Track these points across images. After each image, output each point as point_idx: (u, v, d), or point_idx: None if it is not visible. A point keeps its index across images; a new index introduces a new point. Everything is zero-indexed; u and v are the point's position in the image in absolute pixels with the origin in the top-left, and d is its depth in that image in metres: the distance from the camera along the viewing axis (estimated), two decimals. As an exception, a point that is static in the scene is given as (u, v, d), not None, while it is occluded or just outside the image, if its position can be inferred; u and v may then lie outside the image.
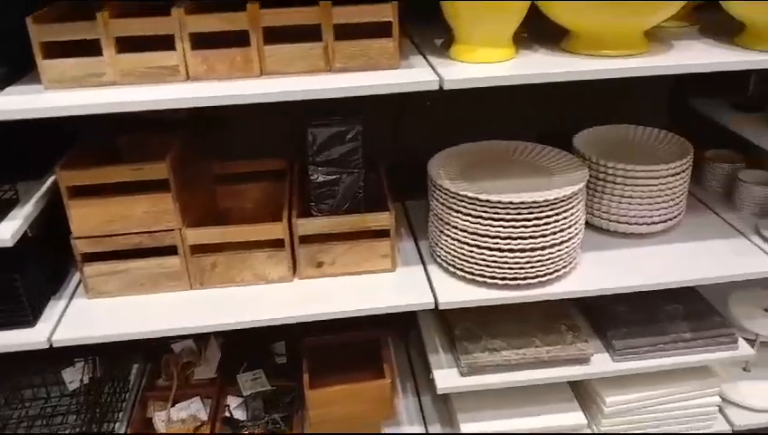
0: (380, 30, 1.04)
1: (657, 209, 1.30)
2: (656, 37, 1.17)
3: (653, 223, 1.31)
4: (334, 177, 1.27)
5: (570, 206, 1.16)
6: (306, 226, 1.21)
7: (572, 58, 1.09)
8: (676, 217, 1.33)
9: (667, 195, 1.29)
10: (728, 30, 1.17)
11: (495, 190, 1.17)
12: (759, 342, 1.42)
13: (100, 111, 0.97)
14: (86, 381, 1.47)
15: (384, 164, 1.40)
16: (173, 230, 1.18)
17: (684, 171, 1.29)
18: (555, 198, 1.13)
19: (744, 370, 1.52)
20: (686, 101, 1.51)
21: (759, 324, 1.41)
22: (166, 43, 1.01)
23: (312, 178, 1.27)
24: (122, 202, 1.14)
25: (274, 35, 1.03)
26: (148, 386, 1.51)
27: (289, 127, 1.24)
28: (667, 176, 1.27)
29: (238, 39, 1.02)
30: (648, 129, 1.43)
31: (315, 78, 1.03)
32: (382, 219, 1.22)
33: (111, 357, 1.51)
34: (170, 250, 1.19)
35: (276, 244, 1.21)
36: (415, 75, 1.03)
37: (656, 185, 1.27)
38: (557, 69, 1.03)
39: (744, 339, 1.36)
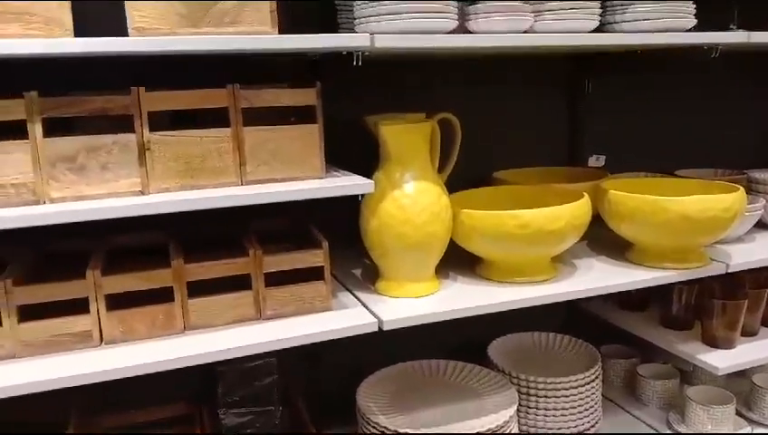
0: (311, 272, 1.02)
1: (580, 417, 1.31)
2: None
3: (578, 431, 1.32)
4: (248, 418, 1.17)
5: (509, 429, 1.15)
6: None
7: (492, 286, 1.13)
8: (597, 422, 1.36)
9: (586, 402, 1.32)
10: (614, 244, 1.30)
11: (432, 422, 1.13)
12: None
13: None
14: None
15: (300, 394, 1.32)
16: None
17: (597, 377, 1.34)
18: (497, 425, 1.11)
19: None
20: (577, 302, 1.61)
21: None
22: (74, 304, 0.91)
23: (223, 421, 1.16)
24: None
25: (198, 285, 0.97)
26: None
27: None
28: (585, 384, 1.31)
29: (154, 293, 0.95)
30: (552, 334, 1.49)
31: (245, 329, 0.97)
32: (316, 469, 1.11)
33: None
34: None
35: None
36: (352, 318, 1.00)
37: (576, 394, 1.30)
38: (485, 301, 1.06)
39: None
